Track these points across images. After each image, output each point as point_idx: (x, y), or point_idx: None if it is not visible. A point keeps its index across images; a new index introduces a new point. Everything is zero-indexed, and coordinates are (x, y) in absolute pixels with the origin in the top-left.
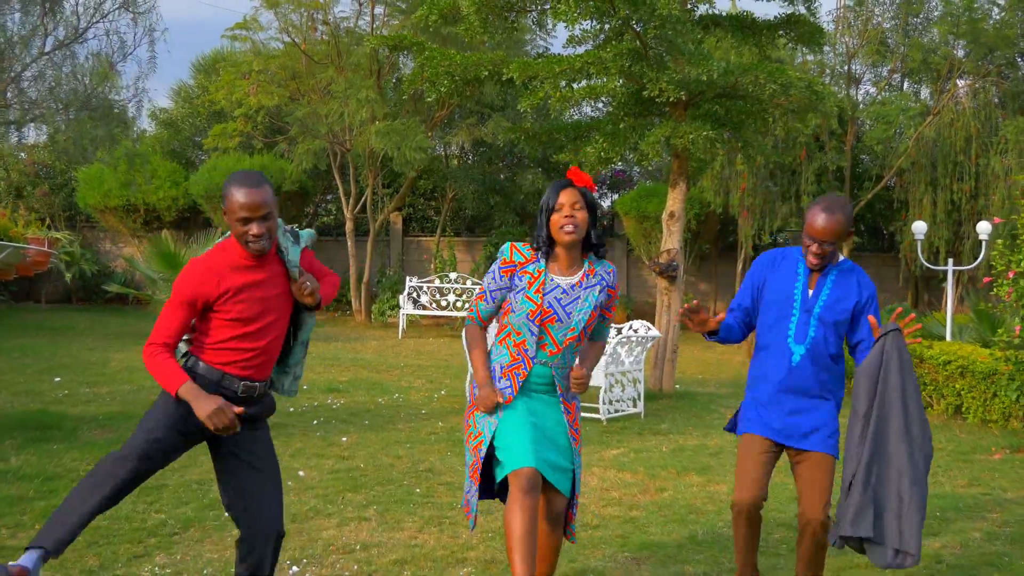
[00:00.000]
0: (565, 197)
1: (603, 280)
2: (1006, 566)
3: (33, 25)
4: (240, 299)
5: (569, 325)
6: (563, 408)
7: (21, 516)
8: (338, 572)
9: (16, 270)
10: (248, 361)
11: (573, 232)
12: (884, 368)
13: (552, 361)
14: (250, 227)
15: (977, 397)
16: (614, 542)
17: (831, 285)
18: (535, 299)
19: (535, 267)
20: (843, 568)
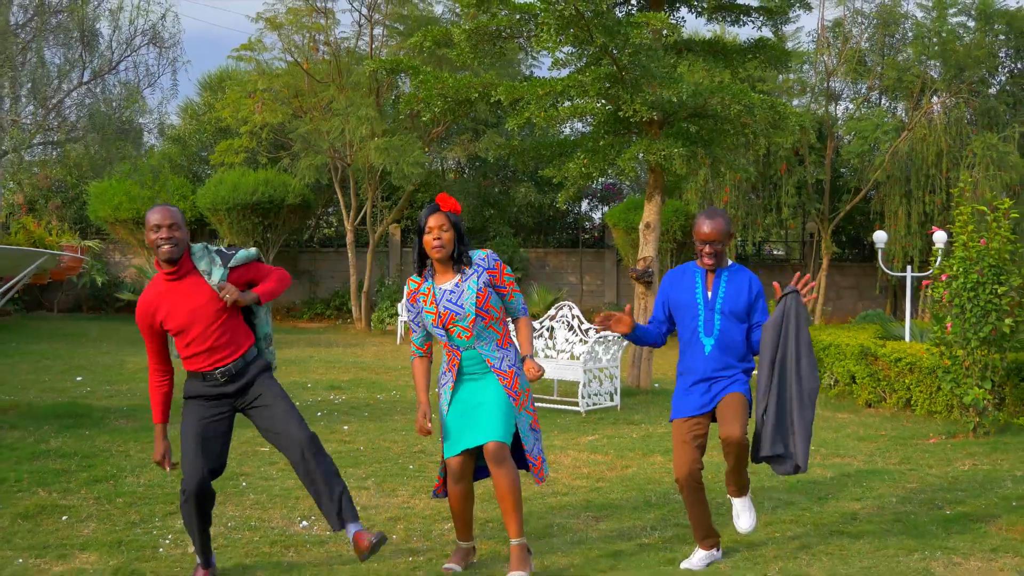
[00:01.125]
0: (433, 221)
1: (478, 268)
2: (910, 521)
3: (72, 59)
4: (170, 314)
5: (464, 313)
6: (498, 377)
7: (68, 483)
8: None
9: (50, 274)
10: (207, 358)
11: (440, 250)
12: (785, 322)
13: (471, 344)
14: (160, 233)
15: (924, 391)
16: (579, 505)
17: (725, 284)
18: (432, 310)
19: (425, 287)
20: (772, 522)
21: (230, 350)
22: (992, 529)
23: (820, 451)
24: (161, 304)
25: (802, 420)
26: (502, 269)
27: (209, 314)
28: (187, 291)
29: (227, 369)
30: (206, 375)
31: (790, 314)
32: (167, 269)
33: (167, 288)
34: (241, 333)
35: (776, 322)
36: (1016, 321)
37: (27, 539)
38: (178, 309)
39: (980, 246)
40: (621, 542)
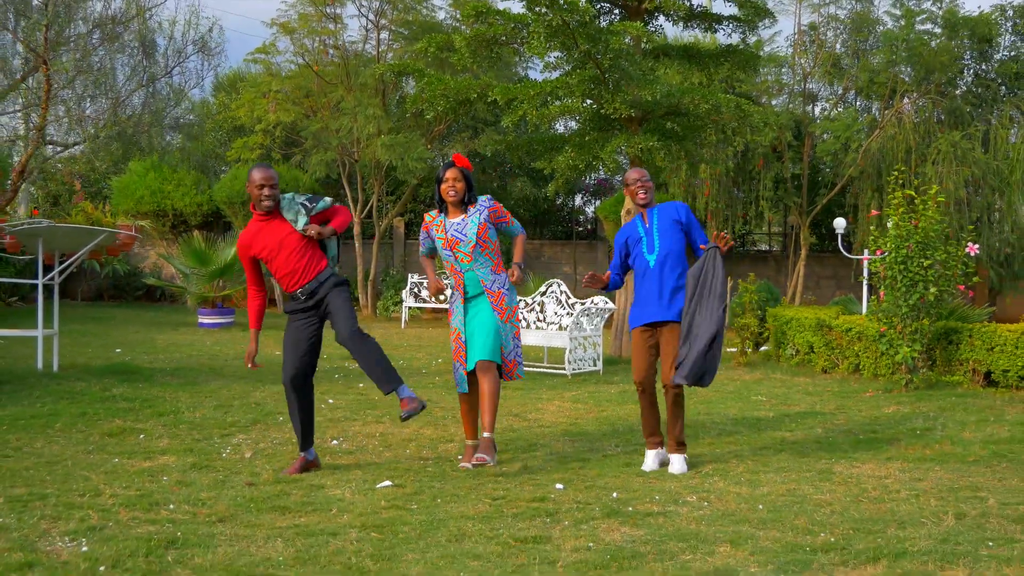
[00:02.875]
0: (450, 173)
1: (481, 207)
2: (827, 442)
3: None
4: (262, 247)
5: (466, 241)
6: (488, 296)
7: (137, 415)
8: (364, 444)
9: (106, 250)
10: (290, 279)
11: (454, 196)
12: (704, 271)
13: (471, 267)
14: (263, 191)
15: (870, 356)
16: (559, 434)
17: (657, 214)
18: (442, 236)
19: (439, 220)
20: (714, 443)
21: (306, 273)
22: (893, 449)
23: (770, 401)
24: (256, 239)
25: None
26: (499, 207)
27: (291, 244)
28: (275, 229)
29: (305, 288)
30: (292, 295)
31: (709, 265)
32: (262, 215)
33: (259, 227)
34: (315, 260)
35: (696, 271)
36: (940, 290)
37: (116, 448)
38: (269, 242)
39: (910, 225)
40: (589, 454)
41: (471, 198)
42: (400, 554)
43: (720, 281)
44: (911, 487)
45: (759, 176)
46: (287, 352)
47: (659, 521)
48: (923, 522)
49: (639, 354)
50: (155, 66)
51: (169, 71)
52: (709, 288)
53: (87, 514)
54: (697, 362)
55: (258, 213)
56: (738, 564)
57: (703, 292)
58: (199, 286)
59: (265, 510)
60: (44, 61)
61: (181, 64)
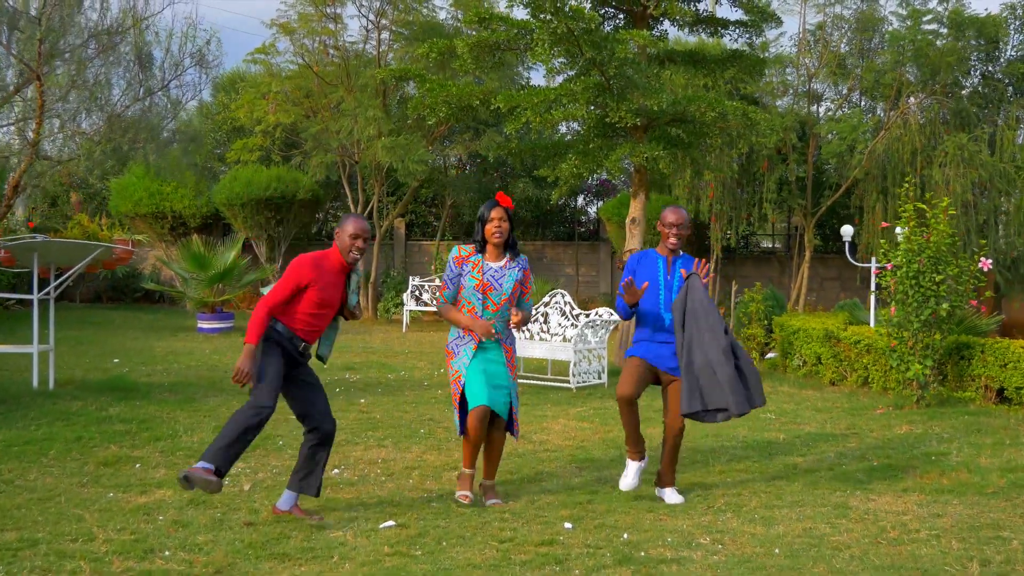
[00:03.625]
0: (495, 213)
1: (519, 264)
2: (840, 470)
3: (130, 77)
4: (326, 289)
5: (501, 291)
6: (503, 350)
7: (134, 441)
8: (366, 473)
9: (102, 264)
10: (311, 330)
11: (499, 237)
12: (690, 299)
13: (495, 317)
14: (356, 242)
15: (879, 369)
16: (565, 459)
17: (681, 266)
18: (477, 277)
19: (475, 259)
20: (725, 471)
21: (317, 336)
22: (908, 476)
23: (780, 419)
24: (322, 276)
25: (725, 373)
26: (529, 275)
27: (336, 304)
28: (339, 281)
29: (307, 346)
30: (293, 339)
31: (694, 293)
32: (343, 264)
33: (333, 271)
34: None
35: (680, 302)
36: (952, 305)
37: (112, 480)
38: (330, 288)
39: (921, 239)
40: (597, 486)
41: (513, 241)
42: None
43: (700, 302)
44: (931, 525)
45: (763, 178)
46: (274, 381)
47: (672, 570)
48: (947, 570)
49: (631, 375)
50: (152, 79)
51: (166, 84)
52: (701, 310)
53: (79, 565)
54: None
55: (338, 259)
56: None
57: (696, 317)
58: (198, 291)
59: (264, 557)
60: (38, 76)
61: (179, 77)
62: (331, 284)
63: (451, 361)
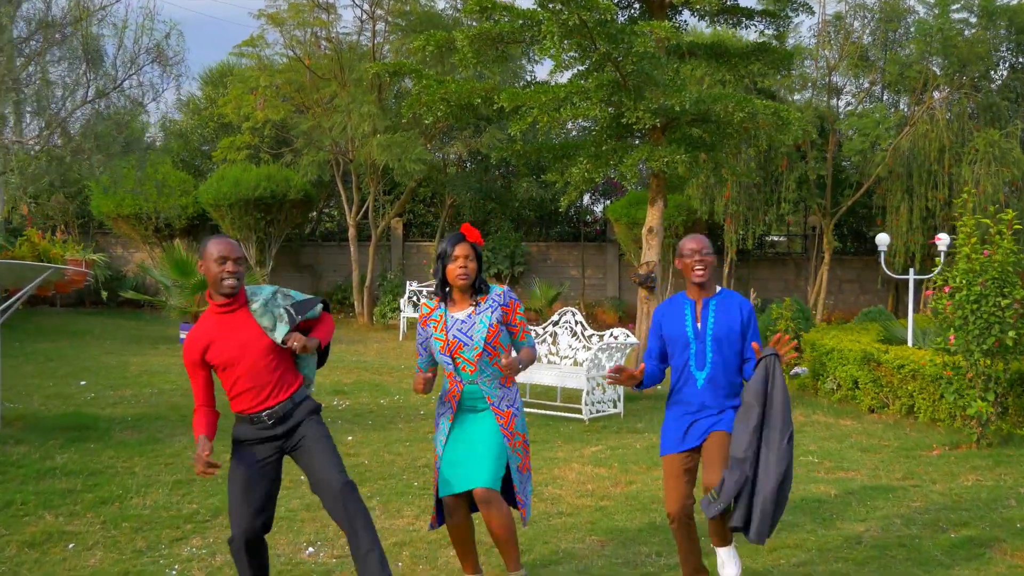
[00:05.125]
0: (459, 250)
1: (493, 303)
2: (915, 546)
3: (77, 77)
4: (218, 351)
5: (472, 346)
6: (496, 415)
7: (74, 506)
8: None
9: (54, 286)
10: (254, 397)
11: (465, 279)
12: (770, 387)
13: (475, 379)
14: (227, 266)
15: (927, 398)
16: (584, 528)
17: (714, 311)
18: (441, 337)
19: (438, 314)
20: (775, 547)
21: (278, 389)
22: (996, 555)
23: (824, 464)
24: (212, 338)
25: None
26: (515, 307)
27: (259, 349)
28: (238, 325)
29: (274, 411)
30: (253, 417)
31: (774, 380)
32: (221, 302)
33: (217, 321)
34: (290, 373)
35: (759, 388)
36: (1019, 333)
37: (34, 570)
38: (228, 342)
39: (984, 258)
40: (626, 570)
41: (481, 283)
42: None
43: (782, 400)
44: None
45: (782, 177)
46: (237, 500)
47: None
48: None
49: (673, 484)
50: (104, 78)
51: (119, 84)
52: (774, 414)
53: None
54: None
55: (215, 302)
56: None
57: (768, 420)
58: (180, 299)
59: None
60: None
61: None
62: (232, 337)
63: (435, 435)
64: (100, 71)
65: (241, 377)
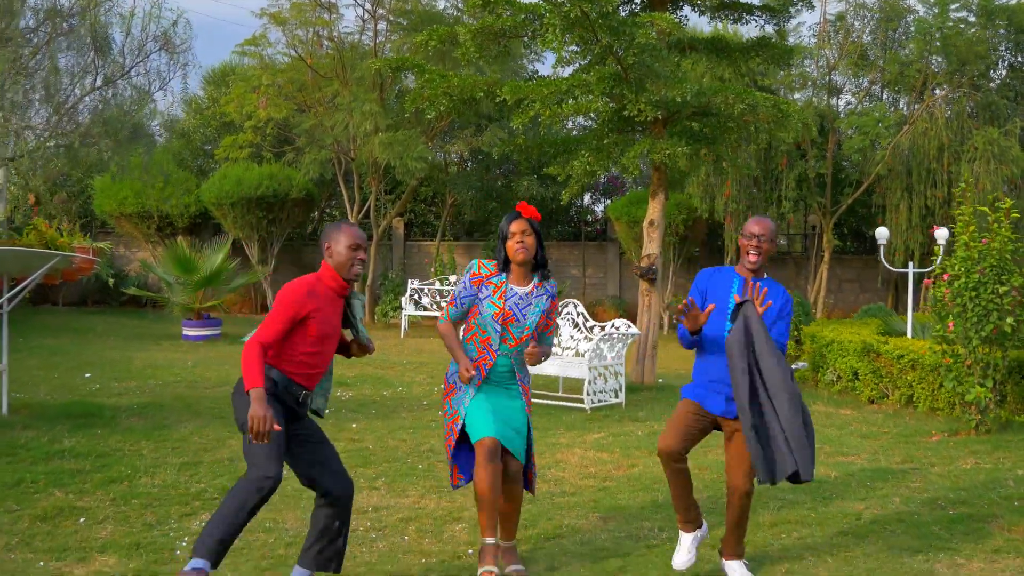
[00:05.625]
0: (516, 227)
1: (548, 291)
2: (914, 522)
3: (85, 64)
4: (326, 319)
5: (524, 324)
6: (520, 391)
7: (83, 484)
8: (353, 528)
9: (61, 275)
10: (311, 372)
11: (523, 254)
12: (748, 335)
13: (511, 353)
14: (358, 254)
15: (926, 388)
16: (587, 506)
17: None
18: (499, 304)
19: (498, 279)
20: (777, 523)
21: (316, 381)
22: (995, 530)
23: (824, 449)
24: (321, 305)
25: (793, 431)
26: (555, 304)
27: (336, 340)
28: (339, 308)
29: (307, 395)
30: (291, 387)
31: (752, 325)
32: (342, 284)
33: (330, 297)
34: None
35: (739, 336)
36: (1017, 320)
37: (46, 541)
38: (332, 318)
39: (982, 246)
40: (629, 543)
41: (543, 260)
42: None
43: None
44: None
45: (782, 175)
46: (276, 446)
47: None
48: None
49: (677, 424)
50: (112, 66)
51: (127, 71)
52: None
53: None
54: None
55: (336, 282)
56: None
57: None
58: (183, 296)
59: None
60: None
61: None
62: (330, 313)
63: (448, 399)
64: (108, 59)
65: (317, 353)
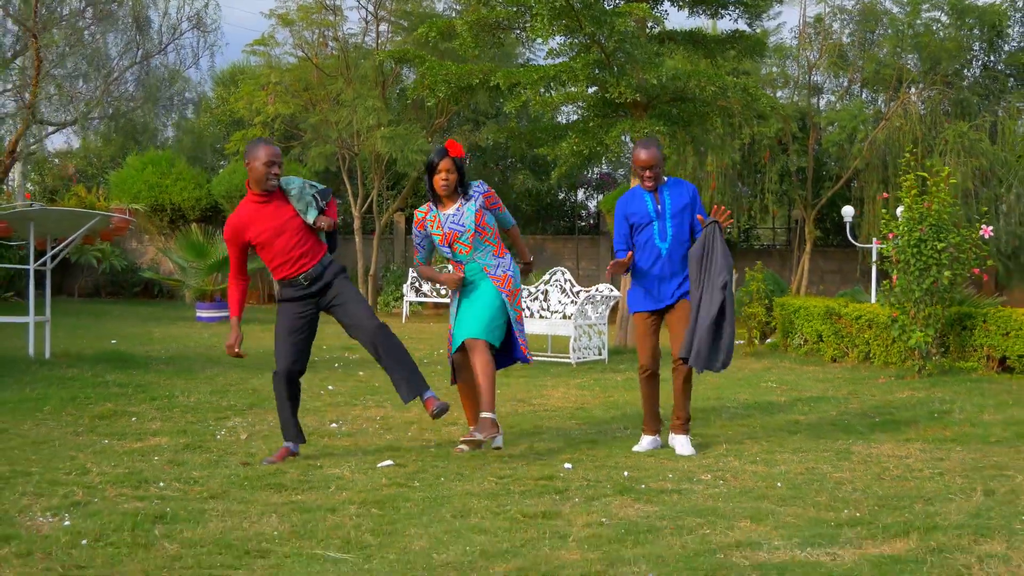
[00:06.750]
0: (443, 165)
1: (475, 193)
2: (844, 425)
3: (127, 41)
4: (261, 229)
5: (466, 231)
6: (494, 281)
7: (130, 400)
8: (364, 427)
9: (100, 235)
10: (292, 266)
11: (445, 189)
12: (706, 250)
13: (472, 257)
14: (272, 169)
15: (881, 344)
16: (566, 416)
17: (669, 195)
18: (439, 232)
19: (431, 215)
20: (725, 426)
21: (309, 257)
22: (912, 432)
23: (781, 387)
24: (251, 222)
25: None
26: (492, 192)
27: (292, 228)
28: (273, 212)
29: (308, 274)
30: (292, 281)
31: (714, 243)
32: (262, 195)
33: (256, 208)
34: (317, 244)
35: (698, 252)
36: (955, 274)
37: (107, 429)
38: (265, 225)
39: (923, 208)
40: (598, 436)
41: (464, 186)
42: (402, 529)
43: (721, 255)
44: (933, 466)
45: (765, 169)
46: (282, 342)
47: (674, 498)
48: (951, 498)
49: (644, 338)
50: (149, 42)
51: (163, 47)
52: (713, 267)
53: (72, 490)
54: (706, 344)
55: (256, 193)
56: (761, 538)
57: (709, 273)
58: (197, 280)
59: (260, 488)
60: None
61: (176, 40)
62: (266, 219)
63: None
64: (147, 36)
65: (279, 252)
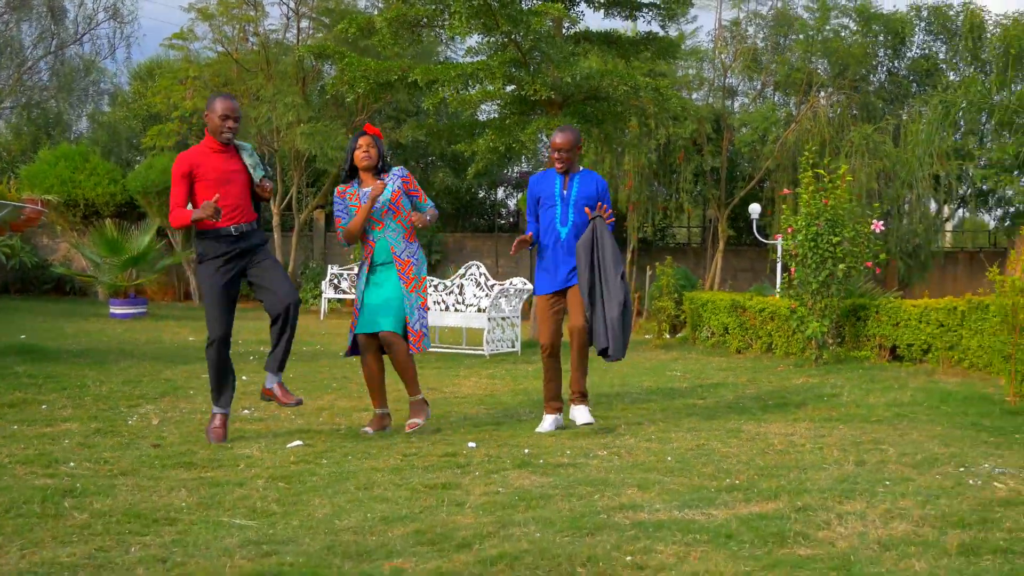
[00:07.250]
0: (362, 141)
1: (395, 176)
2: (738, 407)
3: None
4: (208, 168)
5: (379, 205)
6: (397, 264)
7: (40, 390)
8: (276, 414)
9: (10, 227)
10: (226, 213)
11: (367, 161)
12: (595, 242)
13: (383, 234)
14: (227, 123)
15: (783, 335)
16: (474, 402)
17: (578, 183)
18: (356, 204)
19: (351, 190)
20: (626, 409)
21: (243, 213)
22: (801, 413)
23: (686, 376)
24: (202, 161)
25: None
26: (411, 178)
27: (240, 180)
28: (225, 160)
29: (240, 227)
30: (222, 231)
31: (602, 237)
32: (216, 145)
33: (209, 153)
34: (251, 205)
35: (588, 243)
36: (849, 267)
37: (16, 416)
38: (216, 167)
39: (820, 204)
40: (503, 419)
41: (384, 166)
42: (307, 500)
43: (610, 248)
44: (816, 442)
45: (680, 169)
46: (214, 309)
47: (569, 471)
48: (825, 467)
49: (545, 319)
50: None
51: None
52: (606, 258)
53: None
54: (614, 333)
55: (213, 143)
56: (644, 502)
57: (602, 263)
58: (111, 276)
59: (170, 466)
60: None
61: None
62: (216, 163)
63: (356, 285)
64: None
65: (224, 195)
